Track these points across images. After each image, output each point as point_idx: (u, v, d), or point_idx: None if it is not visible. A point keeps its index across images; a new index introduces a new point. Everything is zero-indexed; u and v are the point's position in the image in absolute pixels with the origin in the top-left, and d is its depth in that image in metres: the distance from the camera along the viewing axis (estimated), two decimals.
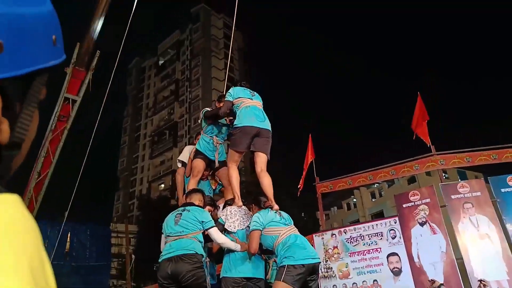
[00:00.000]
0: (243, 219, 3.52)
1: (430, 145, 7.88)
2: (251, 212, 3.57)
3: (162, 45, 58.32)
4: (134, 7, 7.05)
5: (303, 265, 3.00)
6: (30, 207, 8.23)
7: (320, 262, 3.21)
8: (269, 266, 3.65)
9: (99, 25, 7.19)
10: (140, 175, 53.77)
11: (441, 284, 6.51)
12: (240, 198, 3.69)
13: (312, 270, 3.11)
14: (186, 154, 4.69)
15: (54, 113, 7.66)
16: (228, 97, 4.06)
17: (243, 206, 3.66)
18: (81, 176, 7.95)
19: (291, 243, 3.13)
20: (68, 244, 20.91)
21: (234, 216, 3.52)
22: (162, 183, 48.45)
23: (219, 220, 3.41)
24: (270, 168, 3.88)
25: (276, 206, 3.48)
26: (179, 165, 4.71)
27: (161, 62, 57.95)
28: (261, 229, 3.24)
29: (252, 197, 3.70)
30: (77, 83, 7.68)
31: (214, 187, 4.54)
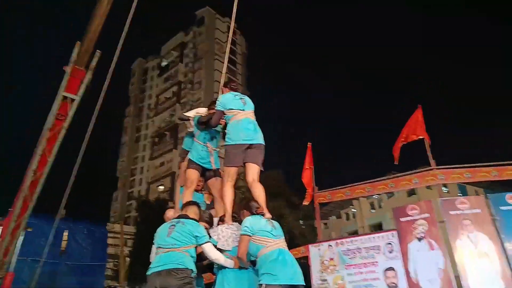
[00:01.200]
0: (235, 236, 3.43)
1: (431, 159, 7.80)
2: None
3: (166, 46, 58.42)
4: (134, 6, 7.03)
5: (280, 285, 2.89)
6: (25, 205, 8.14)
7: (303, 285, 3.04)
8: None
9: (100, 24, 7.14)
10: (140, 176, 53.66)
11: None
12: (231, 217, 3.62)
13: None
14: (192, 112, 4.54)
15: (52, 111, 7.58)
16: (218, 107, 3.98)
17: (234, 223, 3.57)
18: (79, 175, 7.88)
19: (274, 258, 3.02)
20: (64, 242, 20.81)
21: (226, 234, 3.44)
22: (161, 185, 48.28)
23: (211, 240, 3.30)
24: (270, 177, 3.83)
25: (268, 215, 3.39)
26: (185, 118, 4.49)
27: (164, 63, 58.02)
28: (250, 234, 3.15)
29: (244, 202, 3.61)
30: (77, 82, 7.60)
31: (208, 202, 4.42)
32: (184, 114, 4.62)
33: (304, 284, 3.07)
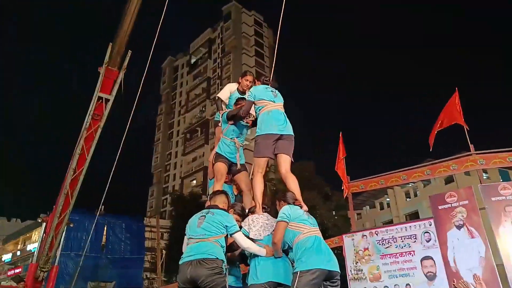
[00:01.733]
0: (266, 224, 3.42)
1: (469, 144, 7.46)
2: (274, 218, 3.48)
3: (194, 44, 59.12)
4: (166, 7, 7.15)
5: (316, 269, 2.88)
6: (66, 202, 8.58)
7: (338, 272, 3.03)
8: None
9: (130, 25, 7.33)
10: (173, 171, 54.95)
11: None
12: (261, 207, 3.63)
13: (328, 276, 2.97)
14: (226, 92, 4.72)
15: (89, 111, 7.90)
16: (249, 97, 4.05)
17: (264, 214, 3.58)
18: (116, 172, 8.20)
19: (310, 245, 3.02)
20: (104, 237, 21.75)
21: (257, 223, 3.42)
22: (194, 180, 49.22)
23: (242, 230, 3.32)
24: (301, 168, 3.83)
25: (305, 207, 3.39)
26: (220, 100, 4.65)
27: (193, 60, 58.77)
28: (288, 221, 3.16)
29: (280, 193, 3.61)
30: (110, 82, 7.89)
31: (236, 193, 4.46)
32: (218, 95, 4.71)
33: (339, 271, 3.05)
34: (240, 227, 3.36)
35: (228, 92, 4.74)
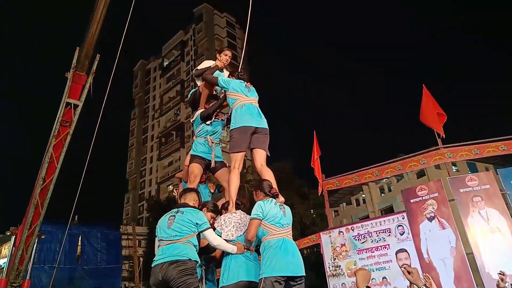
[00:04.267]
0: (239, 224, 3.39)
1: (441, 137, 7.68)
2: (247, 216, 3.44)
3: (166, 46, 58.42)
4: (131, 9, 7.01)
5: (279, 276, 2.90)
6: (36, 213, 8.27)
7: (303, 276, 3.04)
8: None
9: (98, 28, 7.15)
10: (149, 176, 54.01)
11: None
12: (234, 205, 3.58)
13: (292, 277, 2.99)
14: (204, 65, 4.56)
15: (57, 118, 7.65)
16: (220, 81, 4.07)
17: (237, 211, 3.54)
18: (89, 180, 7.97)
19: (277, 247, 3.02)
20: (79, 247, 21.10)
21: (229, 224, 3.39)
22: (170, 184, 48.58)
23: (215, 231, 3.28)
24: (278, 169, 3.80)
25: (281, 198, 3.36)
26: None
27: (165, 63, 58.05)
28: (261, 219, 3.13)
29: (256, 183, 3.57)
30: (79, 87, 7.67)
31: (212, 191, 4.43)
32: (197, 68, 4.60)
33: (304, 274, 3.05)
34: (214, 228, 3.34)
35: (208, 66, 4.54)
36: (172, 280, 2.81)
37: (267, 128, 3.89)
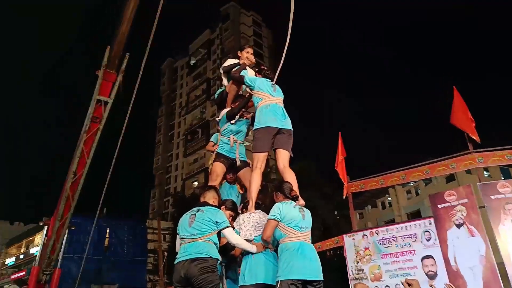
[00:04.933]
0: (257, 224, 3.40)
1: (473, 141, 7.40)
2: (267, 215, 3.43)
3: (193, 45, 59.14)
4: (160, 8, 7.14)
5: (296, 280, 2.88)
6: (67, 205, 8.60)
7: (321, 280, 2.99)
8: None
9: (127, 27, 7.33)
10: (175, 173, 54.99)
11: None
12: (254, 205, 3.59)
13: (309, 281, 2.95)
14: (229, 62, 4.62)
15: (88, 114, 7.91)
16: (249, 82, 4.06)
17: (256, 211, 3.55)
18: (117, 174, 8.22)
19: (294, 250, 3.00)
20: (107, 239, 21.78)
21: (248, 223, 3.41)
22: (195, 181, 49.25)
23: (234, 230, 3.30)
24: (301, 168, 3.77)
25: (302, 201, 3.32)
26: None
27: (192, 61, 58.80)
28: (278, 220, 3.11)
29: (276, 184, 3.56)
30: (109, 85, 7.89)
31: (241, 192, 4.39)
32: (224, 66, 4.65)
33: (322, 279, 3.02)
34: (233, 227, 3.37)
35: (232, 63, 4.56)
36: (193, 277, 2.87)
37: (291, 129, 3.86)
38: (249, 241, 3.28)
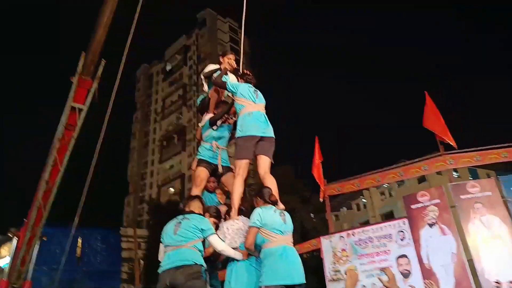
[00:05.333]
0: (242, 230, 3.42)
1: (446, 144, 7.65)
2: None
3: (169, 51, 58.69)
4: (137, 14, 7.09)
5: (280, 285, 2.93)
6: (39, 215, 8.32)
7: (303, 283, 3.04)
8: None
9: (103, 33, 7.22)
10: (150, 179, 54.09)
11: None
12: (236, 212, 3.61)
13: (293, 286, 3.00)
14: (207, 68, 4.59)
15: (60, 122, 7.71)
16: (231, 88, 4.05)
17: (239, 218, 3.57)
18: (90, 182, 8.02)
19: (278, 255, 3.04)
20: (79, 249, 21.13)
21: (232, 231, 3.43)
22: (171, 187, 48.62)
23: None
24: (280, 173, 3.84)
25: (281, 205, 3.38)
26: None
27: (168, 67, 58.29)
28: (258, 227, 3.15)
29: (256, 189, 3.60)
30: (84, 92, 7.70)
31: (222, 202, 4.38)
32: (204, 71, 4.62)
33: (305, 282, 3.07)
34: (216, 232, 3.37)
35: (213, 69, 4.54)
36: (179, 285, 2.85)
37: (273, 136, 3.93)
38: (234, 248, 3.29)
